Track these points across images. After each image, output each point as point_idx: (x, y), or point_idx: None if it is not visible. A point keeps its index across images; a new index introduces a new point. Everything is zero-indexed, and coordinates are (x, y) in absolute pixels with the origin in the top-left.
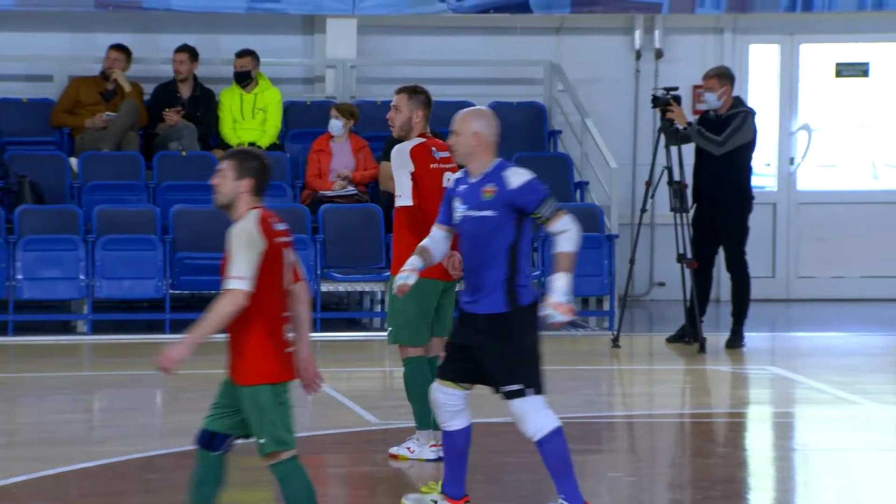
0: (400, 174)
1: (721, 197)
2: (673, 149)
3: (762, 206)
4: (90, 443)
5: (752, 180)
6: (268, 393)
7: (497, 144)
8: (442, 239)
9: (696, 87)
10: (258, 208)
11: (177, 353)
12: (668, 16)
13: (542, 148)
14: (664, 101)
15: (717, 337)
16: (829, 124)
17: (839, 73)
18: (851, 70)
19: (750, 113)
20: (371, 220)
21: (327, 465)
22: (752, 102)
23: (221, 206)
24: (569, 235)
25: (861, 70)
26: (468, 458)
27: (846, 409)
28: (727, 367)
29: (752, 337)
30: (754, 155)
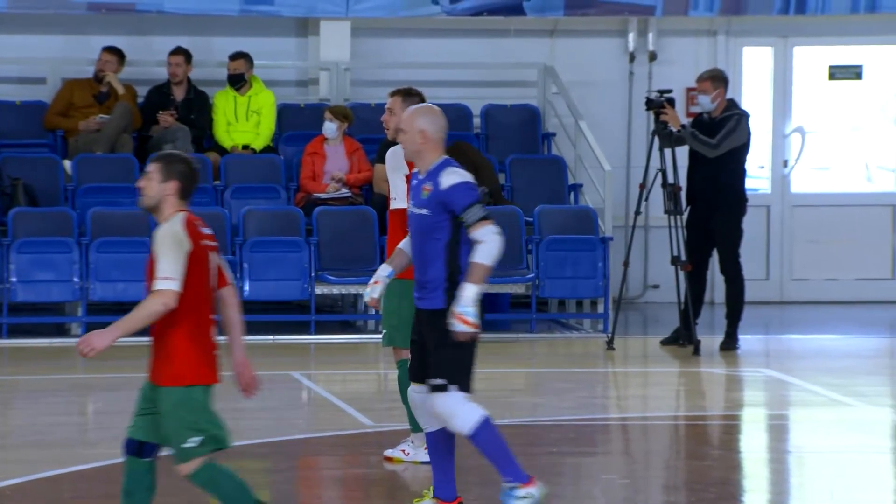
0: (394, 177)
1: (715, 199)
2: (667, 151)
3: (756, 208)
4: (84, 445)
5: (746, 183)
6: (191, 395)
7: (444, 141)
8: None
9: (690, 90)
10: (184, 211)
11: (99, 341)
12: (662, 18)
13: (536, 150)
14: (658, 104)
15: (711, 339)
16: (822, 127)
17: (832, 76)
18: (845, 73)
19: (744, 115)
20: (365, 222)
21: (322, 467)
22: (746, 105)
23: (147, 208)
24: (485, 247)
25: (854, 73)
26: (455, 459)
27: (840, 411)
28: (721, 370)
29: (746, 339)
30: (748, 157)
